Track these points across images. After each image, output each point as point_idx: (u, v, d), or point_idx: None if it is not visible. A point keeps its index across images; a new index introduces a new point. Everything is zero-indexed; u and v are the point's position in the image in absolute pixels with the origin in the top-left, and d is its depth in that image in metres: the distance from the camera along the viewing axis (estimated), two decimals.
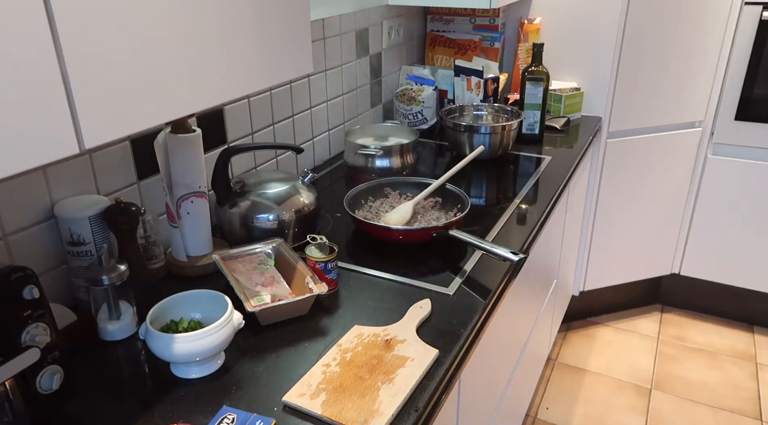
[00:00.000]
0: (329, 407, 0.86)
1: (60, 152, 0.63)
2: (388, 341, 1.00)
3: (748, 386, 2.35)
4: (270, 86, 1.26)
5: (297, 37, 0.96)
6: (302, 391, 0.89)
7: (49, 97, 0.60)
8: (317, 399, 0.87)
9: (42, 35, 0.59)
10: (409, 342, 1.00)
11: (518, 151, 1.92)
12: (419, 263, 1.26)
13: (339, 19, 1.76)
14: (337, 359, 0.96)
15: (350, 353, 0.97)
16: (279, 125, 1.60)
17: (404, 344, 0.99)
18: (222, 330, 0.95)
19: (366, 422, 0.83)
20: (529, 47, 2.24)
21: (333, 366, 0.94)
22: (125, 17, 0.67)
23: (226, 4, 0.80)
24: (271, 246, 1.20)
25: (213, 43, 0.80)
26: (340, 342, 1.00)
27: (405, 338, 1.01)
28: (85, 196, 1.09)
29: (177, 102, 0.77)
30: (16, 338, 0.79)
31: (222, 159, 1.26)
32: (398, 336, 1.01)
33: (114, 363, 0.99)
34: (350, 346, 0.99)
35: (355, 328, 1.04)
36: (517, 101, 2.07)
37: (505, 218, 1.47)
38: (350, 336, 1.02)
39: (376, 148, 1.71)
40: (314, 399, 0.87)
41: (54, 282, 1.08)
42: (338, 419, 0.84)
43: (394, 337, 1.01)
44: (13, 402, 0.80)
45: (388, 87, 2.16)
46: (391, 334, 1.02)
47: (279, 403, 0.88)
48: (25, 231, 1.02)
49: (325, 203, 1.51)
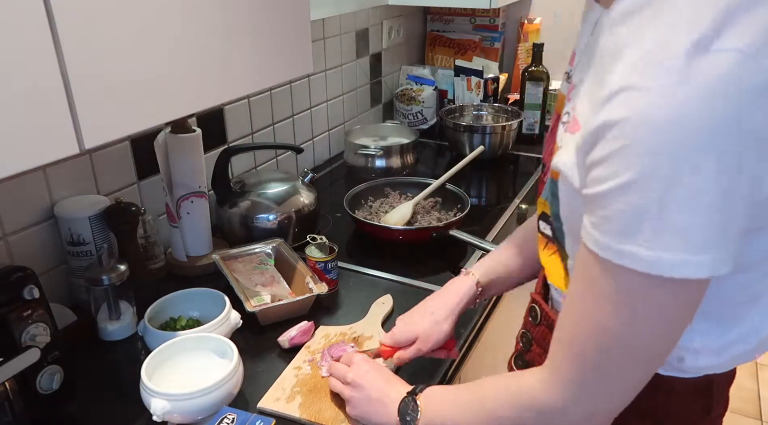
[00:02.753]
0: (307, 409, 0.86)
1: (60, 152, 0.63)
2: (355, 338, 1.00)
3: (748, 386, 2.35)
4: (270, 86, 1.26)
5: (297, 37, 0.96)
6: (277, 396, 0.89)
7: (49, 97, 0.60)
8: (293, 402, 0.87)
9: (42, 35, 0.59)
10: (375, 338, 1.00)
11: (518, 151, 1.92)
12: (419, 263, 1.26)
13: (339, 19, 1.76)
14: (307, 361, 0.96)
15: (320, 354, 0.96)
16: (279, 125, 1.60)
17: (372, 340, 1.00)
18: (219, 328, 0.95)
19: (345, 420, 0.84)
20: (529, 47, 2.24)
21: (304, 368, 0.94)
22: (125, 17, 0.67)
23: (226, 4, 0.80)
24: (271, 246, 1.20)
25: (213, 43, 0.80)
26: (308, 344, 1.00)
27: (372, 334, 1.01)
28: (85, 196, 1.09)
29: (177, 102, 0.77)
30: (16, 338, 0.79)
31: (222, 159, 1.26)
32: (365, 332, 1.02)
33: (114, 363, 0.99)
34: (318, 347, 0.99)
35: (321, 329, 1.04)
36: (517, 101, 2.07)
37: (505, 218, 1.47)
38: (317, 337, 1.02)
39: (376, 148, 1.71)
40: (290, 402, 0.87)
41: (54, 282, 1.07)
42: (318, 420, 0.84)
43: (361, 334, 1.01)
44: (13, 402, 0.80)
45: (388, 87, 2.16)
46: (358, 332, 1.02)
47: None
48: (25, 231, 1.02)
49: (325, 203, 1.51)
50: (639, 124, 0.46)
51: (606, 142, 0.49)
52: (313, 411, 0.85)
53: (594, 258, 0.53)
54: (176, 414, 0.80)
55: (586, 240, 0.53)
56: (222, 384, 0.82)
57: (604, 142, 0.49)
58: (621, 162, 0.48)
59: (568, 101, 0.67)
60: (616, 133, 0.48)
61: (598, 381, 0.58)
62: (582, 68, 0.64)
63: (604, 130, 0.49)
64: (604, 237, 0.51)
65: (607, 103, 0.49)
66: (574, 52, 0.70)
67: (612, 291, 0.53)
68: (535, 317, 0.79)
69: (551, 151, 0.70)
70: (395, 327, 0.91)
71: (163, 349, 0.88)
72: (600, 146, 0.50)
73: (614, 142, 0.48)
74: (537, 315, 0.78)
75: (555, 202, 0.66)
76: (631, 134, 0.47)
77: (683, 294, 0.51)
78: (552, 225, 0.71)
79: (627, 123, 0.47)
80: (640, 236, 0.48)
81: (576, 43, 0.71)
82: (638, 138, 0.47)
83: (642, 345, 0.55)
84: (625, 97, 0.48)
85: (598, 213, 0.51)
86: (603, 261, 0.52)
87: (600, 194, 0.50)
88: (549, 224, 0.72)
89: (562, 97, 0.73)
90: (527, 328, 0.82)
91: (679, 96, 0.45)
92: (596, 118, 0.50)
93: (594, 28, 0.62)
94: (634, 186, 0.47)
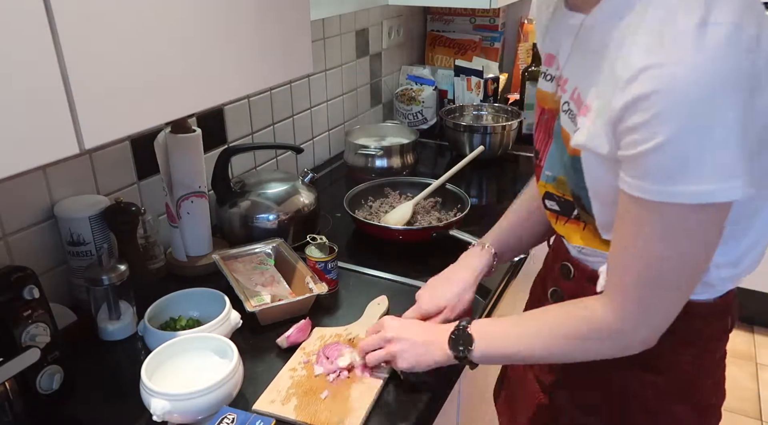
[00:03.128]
0: (302, 411, 0.85)
1: (60, 152, 0.63)
2: (350, 340, 1.00)
3: (748, 386, 2.35)
4: (270, 86, 1.26)
5: (297, 37, 0.96)
6: (272, 398, 0.88)
7: (49, 97, 0.60)
8: (288, 404, 0.87)
9: (42, 36, 0.59)
10: None
11: (518, 151, 1.92)
12: (419, 263, 1.26)
13: (339, 19, 1.76)
14: (302, 362, 0.95)
15: (315, 355, 0.96)
16: (279, 125, 1.60)
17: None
18: (219, 328, 0.95)
19: (342, 421, 0.83)
20: (529, 47, 2.24)
21: (300, 369, 0.94)
22: (125, 17, 0.67)
23: (226, 4, 0.80)
24: (271, 246, 1.20)
25: (213, 43, 0.80)
26: (304, 346, 1.00)
27: None
28: (85, 196, 1.09)
29: (177, 102, 0.77)
30: (16, 338, 0.79)
31: (222, 159, 1.26)
32: (360, 334, 1.01)
33: (114, 363, 0.99)
34: (314, 348, 0.98)
35: (317, 330, 1.04)
36: (517, 101, 2.07)
37: None
38: (313, 338, 1.01)
39: (376, 148, 1.71)
40: (285, 404, 0.87)
41: (54, 282, 1.07)
42: (314, 422, 0.83)
43: (356, 336, 1.01)
44: (13, 402, 0.80)
45: (388, 87, 2.16)
46: (353, 333, 1.02)
47: None
48: (25, 231, 1.02)
49: (325, 203, 1.51)
50: (668, 92, 0.58)
51: (640, 112, 0.60)
52: (308, 413, 0.85)
53: (641, 203, 0.64)
54: (176, 414, 0.80)
55: (631, 191, 0.64)
56: (222, 384, 0.82)
57: (638, 112, 0.60)
58: (658, 125, 0.59)
59: (563, 93, 0.79)
60: (648, 104, 0.59)
61: (655, 302, 0.70)
62: (576, 65, 0.77)
63: (636, 103, 0.60)
64: (653, 185, 0.62)
65: (633, 81, 0.60)
66: (550, 55, 0.85)
67: (663, 226, 0.65)
68: (568, 273, 0.89)
69: (542, 139, 0.86)
70: (421, 300, 1.00)
71: (163, 349, 0.88)
72: (635, 116, 0.61)
73: (647, 111, 0.59)
74: (569, 270, 0.88)
75: (577, 175, 0.76)
76: (662, 102, 0.58)
77: (718, 216, 0.65)
78: (558, 200, 0.84)
79: (657, 94, 0.58)
80: (687, 176, 0.60)
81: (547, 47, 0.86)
82: (670, 103, 0.58)
83: (690, 264, 0.68)
84: (650, 75, 0.59)
85: (641, 168, 0.62)
86: (651, 203, 0.63)
87: (642, 152, 0.61)
88: (555, 201, 0.85)
89: (545, 94, 0.86)
90: (557, 285, 0.92)
91: (695, 63, 0.57)
92: (623, 95, 0.61)
93: (578, 32, 0.75)
94: (675, 140, 0.59)
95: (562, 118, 0.79)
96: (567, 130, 0.77)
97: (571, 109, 0.76)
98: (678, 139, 0.59)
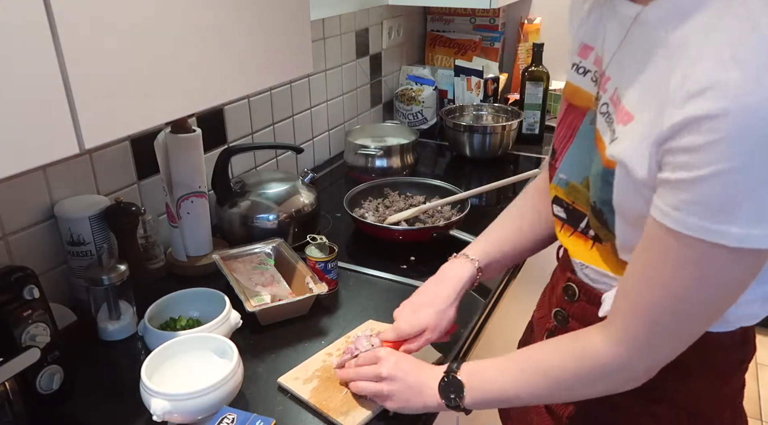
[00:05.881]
0: (317, 394, 0.87)
1: (60, 152, 0.63)
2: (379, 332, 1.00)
3: (748, 386, 2.34)
4: (270, 86, 1.26)
5: (297, 37, 0.96)
6: (297, 375, 0.91)
7: (49, 97, 0.60)
8: (309, 384, 0.89)
9: (42, 35, 0.59)
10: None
11: (518, 151, 1.92)
12: (419, 263, 1.26)
13: (339, 19, 1.76)
14: (341, 350, 0.96)
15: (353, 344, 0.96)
16: (279, 125, 1.60)
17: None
18: (219, 328, 0.95)
19: (347, 413, 0.84)
20: (529, 47, 2.24)
21: (335, 355, 0.95)
22: (125, 17, 0.67)
23: (225, 4, 0.80)
24: (271, 246, 1.20)
25: (213, 43, 0.80)
26: (349, 334, 1.01)
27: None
28: (85, 196, 1.09)
29: (177, 102, 0.77)
30: (16, 338, 0.79)
31: (222, 159, 1.26)
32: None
33: (114, 363, 0.99)
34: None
35: (369, 323, 1.04)
36: (517, 101, 2.07)
37: None
38: (361, 329, 1.02)
39: (376, 148, 1.71)
40: (306, 384, 0.89)
41: (54, 282, 1.07)
42: (322, 407, 0.85)
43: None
44: (13, 402, 0.80)
45: (388, 87, 2.16)
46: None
47: (279, 403, 0.88)
48: (25, 231, 1.02)
49: (325, 203, 1.51)
50: (741, 115, 0.50)
51: (702, 133, 0.52)
52: (321, 397, 0.86)
53: (673, 235, 0.57)
54: (176, 414, 0.80)
55: (664, 220, 0.57)
56: (222, 384, 0.82)
57: (699, 133, 0.52)
58: (720, 151, 0.51)
59: (603, 92, 0.70)
60: (714, 124, 0.51)
61: (665, 339, 0.65)
62: (621, 63, 0.67)
63: (698, 122, 0.52)
64: (691, 218, 0.55)
65: (696, 97, 0.52)
66: (586, 44, 0.75)
67: (691, 263, 0.58)
68: (573, 295, 0.82)
69: (562, 138, 0.78)
70: (399, 321, 0.91)
71: (163, 349, 0.88)
72: (693, 136, 0.53)
73: (711, 132, 0.51)
74: (575, 292, 0.81)
75: (606, 188, 0.68)
76: (732, 126, 0.50)
77: (757, 262, 0.57)
78: (567, 208, 0.77)
79: (726, 116, 0.50)
80: (736, 215, 0.53)
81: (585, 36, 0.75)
82: (740, 128, 0.50)
83: (713, 306, 0.62)
84: (721, 93, 0.51)
85: (683, 196, 0.55)
86: (685, 237, 0.56)
87: (693, 179, 0.53)
88: (562, 207, 0.78)
89: (576, 89, 0.77)
90: (561, 306, 0.85)
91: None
92: (681, 112, 0.53)
93: (632, 24, 0.65)
94: (737, 171, 0.51)
95: (599, 120, 0.70)
96: (602, 136, 0.69)
97: (608, 112, 0.68)
98: (741, 170, 0.51)
